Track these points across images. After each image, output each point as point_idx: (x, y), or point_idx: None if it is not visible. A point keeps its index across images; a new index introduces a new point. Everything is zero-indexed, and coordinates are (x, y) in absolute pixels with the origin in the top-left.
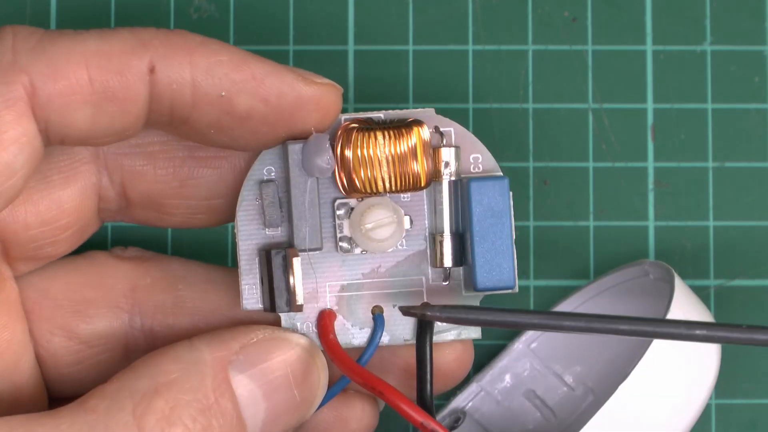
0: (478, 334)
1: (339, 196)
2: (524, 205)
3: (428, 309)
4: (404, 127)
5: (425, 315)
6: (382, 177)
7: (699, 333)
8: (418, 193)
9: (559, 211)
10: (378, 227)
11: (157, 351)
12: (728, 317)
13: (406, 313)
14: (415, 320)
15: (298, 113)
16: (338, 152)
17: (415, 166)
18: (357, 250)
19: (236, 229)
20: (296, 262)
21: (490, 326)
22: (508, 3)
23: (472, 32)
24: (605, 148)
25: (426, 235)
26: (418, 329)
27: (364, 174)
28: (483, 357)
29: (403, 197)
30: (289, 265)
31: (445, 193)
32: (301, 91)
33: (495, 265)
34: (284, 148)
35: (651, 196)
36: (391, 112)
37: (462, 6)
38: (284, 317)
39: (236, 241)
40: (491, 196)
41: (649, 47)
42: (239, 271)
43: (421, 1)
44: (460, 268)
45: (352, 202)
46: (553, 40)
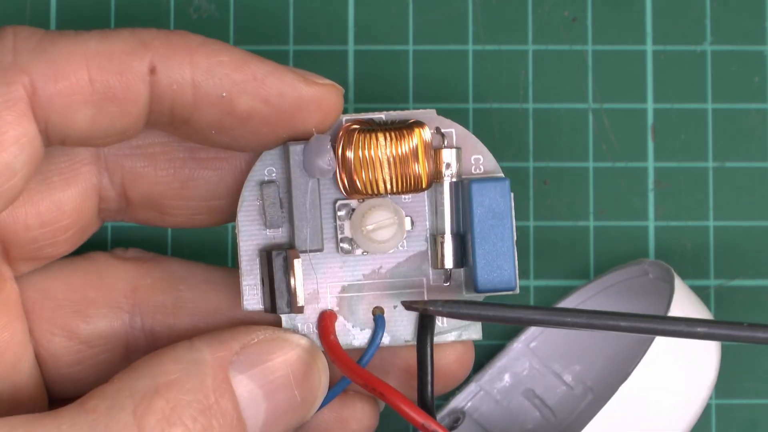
0: (479, 335)
1: (340, 197)
2: (524, 205)
3: (430, 303)
4: (405, 129)
5: (427, 309)
6: (383, 178)
7: (700, 330)
8: (419, 195)
9: (559, 211)
10: (379, 228)
11: (157, 351)
12: (728, 317)
13: (408, 307)
14: (415, 322)
15: (299, 114)
16: (339, 153)
17: (416, 168)
18: (358, 251)
19: (237, 229)
20: (297, 263)
21: (492, 321)
22: (508, 3)
23: (472, 32)
24: (605, 148)
25: (427, 236)
26: (419, 328)
27: (365, 175)
28: (482, 356)
29: (404, 198)
30: (290, 267)
31: (446, 195)
32: (302, 92)
33: (496, 266)
34: (285, 149)
35: (651, 196)
36: (392, 113)
37: (462, 6)
38: (285, 318)
39: (237, 242)
40: (492, 198)
41: (649, 47)
42: (240, 271)
43: (421, 1)
44: (460, 270)
45: (353, 203)
46: (553, 40)
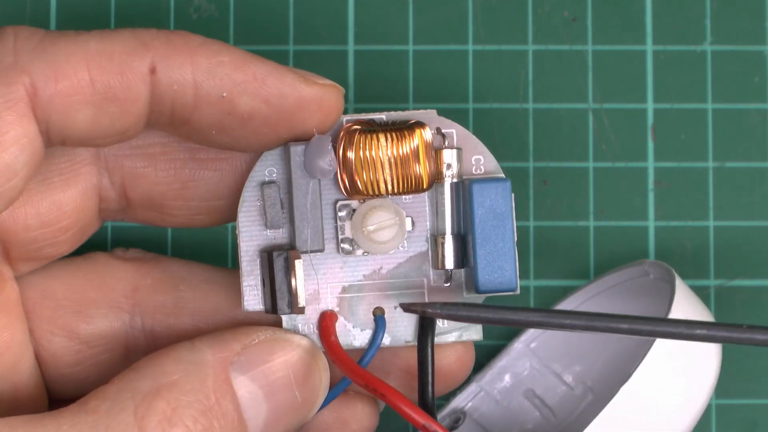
0: (479, 336)
1: (341, 197)
2: (524, 205)
3: (429, 306)
4: (406, 129)
5: (426, 312)
6: (384, 179)
7: (699, 332)
8: (419, 195)
9: (559, 211)
10: (380, 229)
11: (158, 352)
12: (728, 317)
13: (407, 309)
14: (416, 322)
15: (300, 114)
16: (340, 154)
17: (417, 168)
18: (358, 252)
19: (238, 230)
20: (298, 264)
21: (491, 324)
22: (508, 3)
23: (472, 32)
24: (605, 148)
25: (427, 236)
26: (420, 329)
27: (366, 176)
28: (482, 357)
29: (405, 199)
30: (292, 267)
31: (446, 195)
32: (302, 92)
33: (496, 267)
34: (286, 149)
35: (651, 196)
36: (393, 113)
37: (462, 6)
38: (285, 318)
39: (238, 243)
40: (493, 198)
41: (649, 47)
42: (240, 272)
43: (421, 1)
44: (461, 270)
45: (354, 203)
46: (553, 40)
